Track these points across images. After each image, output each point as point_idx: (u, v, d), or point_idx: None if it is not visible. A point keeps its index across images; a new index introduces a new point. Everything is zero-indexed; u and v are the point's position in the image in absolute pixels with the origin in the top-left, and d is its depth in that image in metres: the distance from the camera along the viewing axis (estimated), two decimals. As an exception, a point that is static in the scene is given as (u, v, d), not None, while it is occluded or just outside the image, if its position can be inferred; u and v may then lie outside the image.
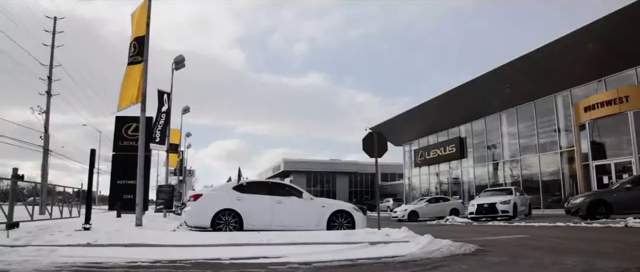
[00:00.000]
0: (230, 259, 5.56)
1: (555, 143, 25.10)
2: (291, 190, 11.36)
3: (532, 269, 4.84)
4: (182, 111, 28.42)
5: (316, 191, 57.06)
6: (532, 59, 22.47)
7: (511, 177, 28.27)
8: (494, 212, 18.92)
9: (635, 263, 4.83)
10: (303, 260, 5.48)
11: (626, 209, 14.41)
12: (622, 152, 19.56)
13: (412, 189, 40.56)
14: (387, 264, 5.39)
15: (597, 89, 22.07)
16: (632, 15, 17.91)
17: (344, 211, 10.85)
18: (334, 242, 7.18)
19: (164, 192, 22.48)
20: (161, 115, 19.02)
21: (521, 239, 8.86)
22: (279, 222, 10.35)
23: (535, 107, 26.42)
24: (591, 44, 20.19)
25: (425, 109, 32.84)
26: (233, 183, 11.27)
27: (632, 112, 18.89)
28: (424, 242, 6.77)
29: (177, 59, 20.49)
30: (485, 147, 30.86)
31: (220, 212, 10.29)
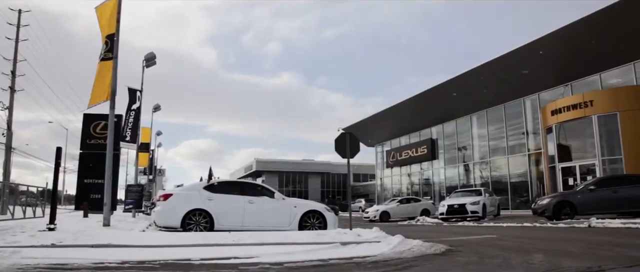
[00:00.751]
0: (201, 260, 5.47)
1: (524, 145, 25.67)
2: (263, 190, 11.29)
3: (500, 268, 4.92)
4: (153, 109, 27.97)
5: (288, 191, 56.98)
6: (502, 63, 22.94)
7: (481, 179, 28.78)
8: (464, 212, 19.24)
9: (597, 262, 4.98)
10: (274, 260, 5.44)
11: (590, 210, 14.91)
12: (586, 155, 20.12)
13: (384, 190, 40.88)
14: (359, 264, 5.40)
15: (563, 93, 22.68)
16: (596, 23, 18.49)
17: (315, 211, 10.83)
18: (306, 243, 7.16)
19: (133, 191, 22.05)
20: (130, 113, 18.67)
21: (490, 239, 9.01)
22: (251, 222, 10.27)
23: (504, 110, 26.97)
24: (559, 50, 20.77)
25: (398, 110, 33.16)
26: (204, 183, 11.13)
27: (596, 116, 19.46)
28: (395, 243, 6.82)
29: (147, 56, 20.13)
30: (456, 149, 31.34)
31: (190, 212, 10.13)
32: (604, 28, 18.75)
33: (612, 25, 18.52)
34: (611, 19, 18.19)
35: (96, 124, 20.45)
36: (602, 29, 18.81)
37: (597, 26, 18.73)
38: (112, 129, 11.37)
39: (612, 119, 19.03)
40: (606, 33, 19.00)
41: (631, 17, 17.75)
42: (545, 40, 20.32)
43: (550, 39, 20.18)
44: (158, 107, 27.89)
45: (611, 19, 18.22)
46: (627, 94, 19.26)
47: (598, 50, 19.99)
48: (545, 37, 20.22)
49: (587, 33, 19.27)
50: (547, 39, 20.24)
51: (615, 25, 18.50)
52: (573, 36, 19.63)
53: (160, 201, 10.73)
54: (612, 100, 19.30)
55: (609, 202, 14.94)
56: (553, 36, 19.94)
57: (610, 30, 18.79)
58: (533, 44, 20.88)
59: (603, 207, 14.98)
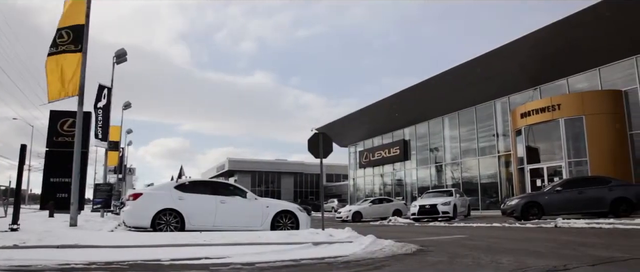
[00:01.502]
0: (171, 260, 5.38)
1: (494, 147, 26.15)
2: (235, 190, 11.20)
3: (470, 268, 4.99)
4: (123, 107, 27.46)
5: (261, 191, 56.76)
6: (474, 66, 23.31)
7: (452, 179, 29.18)
8: (435, 213, 19.48)
9: (563, 261, 5.10)
10: (246, 260, 5.39)
11: (556, 210, 15.32)
12: (554, 157, 20.63)
13: (357, 190, 41.07)
14: (331, 264, 5.39)
15: (532, 97, 23.19)
16: (564, 29, 18.96)
17: (288, 211, 10.82)
18: (278, 243, 7.13)
19: (102, 190, 21.57)
20: (98, 110, 18.26)
21: (460, 239, 9.14)
22: (223, 222, 10.18)
23: (476, 112, 27.41)
24: (528, 54, 21.24)
25: (371, 111, 33.36)
26: (175, 182, 10.98)
27: (563, 119, 19.97)
28: (367, 243, 6.85)
29: (118, 52, 19.74)
30: (428, 150, 31.71)
31: (161, 212, 9.98)
32: (571, 34, 19.27)
33: (579, 32, 19.04)
34: (578, 26, 18.69)
35: (64, 121, 19.85)
36: (570, 35, 19.32)
37: (565, 32, 19.22)
38: (80, 126, 11.06)
39: (578, 122, 19.58)
40: (573, 39, 19.53)
41: (597, 25, 18.28)
42: (515, 44, 20.74)
43: (520, 44, 20.61)
44: (129, 105, 27.39)
45: (578, 26, 18.73)
46: (593, 98, 19.83)
47: (566, 55, 20.53)
48: (515, 42, 20.63)
49: (555, 38, 19.75)
50: (517, 43, 20.67)
51: (581, 32, 19.03)
52: (542, 41, 20.10)
53: (129, 201, 10.52)
54: (578, 104, 19.84)
55: (574, 203, 15.39)
56: (523, 41, 20.37)
57: (577, 36, 19.33)
58: (503, 48, 21.28)
59: (569, 208, 15.42)
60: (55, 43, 10.76)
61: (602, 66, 20.24)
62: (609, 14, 17.65)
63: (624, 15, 17.61)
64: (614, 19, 17.89)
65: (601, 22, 18.14)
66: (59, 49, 10.75)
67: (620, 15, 17.63)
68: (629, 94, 19.28)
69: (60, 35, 10.74)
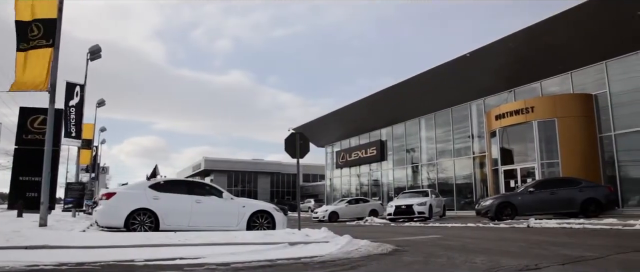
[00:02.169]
0: (145, 261, 5.30)
1: (469, 148, 26.49)
2: (211, 189, 11.12)
3: (444, 267, 5.04)
4: (97, 104, 26.95)
5: (237, 191, 56.44)
6: (450, 68, 23.58)
7: (428, 180, 29.46)
8: (411, 213, 19.65)
9: (534, 260, 5.20)
10: (221, 261, 5.34)
11: (529, 211, 15.65)
12: (527, 159, 21.01)
13: (334, 190, 41.15)
14: (306, 264, 5.38)
15: (507, 99, 23.59)
16: (538, 33, 19.34)
17: (264, 211, 10.78)
18: (253, 243, 7.09)
19: (74, 190, 21.14)
20: (71, 108, 17.87)
21: (435, 239, 9.23)
22: (198, 222, 10.08)
23: (452, 114, 27.72)
24: (503, 57, 21.59)
25: (348, 111, 33.46)
26: (150, 181, 10.82)
27: (536, 121, 20.35)
28: (343, 243, 6.86)
29: (92, 48, 19.36)
30: (405, 151, 31.94)
31: (135, 212, 9.83)
32: (544, 39, 19.65)
33: (552, 37, 19.43)
34: (551, 31, 19.09)
35: (34, 118, 19.36)
36: (543, 40, 19.71)
37: (539, 36, 19.60)
38: (52, 123, 10.80)
39: (551, 124, 19.98)
40: (546, 44, 19.91)
41: (569, 30, 18.71)
42: (491, 47, 21.07)
43: (495, 47, 20.95)
44: (102, 102, 26.91)
45: (551, 31, 19.12)
46: (565, 101, 20.28)
47: (539, 59, 20.95)
48: (491, 45, 20.96)
49: (529, 43, 20.13)
50: (493, 47, 21.00)
51: (554, 37, 19.43)
52: (517, 45, 20.46)
53: (102, 200, 10.33)
54: (551, 107, 20.26)
55: (546, 203, 15.76)
56: (498, 43, 20.71)
57: (550, 41, 19.72)
58: (479, 50, 21.60)
59: (541, 208, 15.77)
60: (26, 37, 10.45)
61: (574, 70, 20.72)
62: (580, 21, 18.10)
63: (594, 22, 18.06)
64: (584, 26, 18.34)
65: (573, 28, 18.57)
66: (30, 44, 10.47)
67: (591, 22, 18.08)
68: (598, 98, 19.77)
69: (31, 29, 10.44)
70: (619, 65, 19.19)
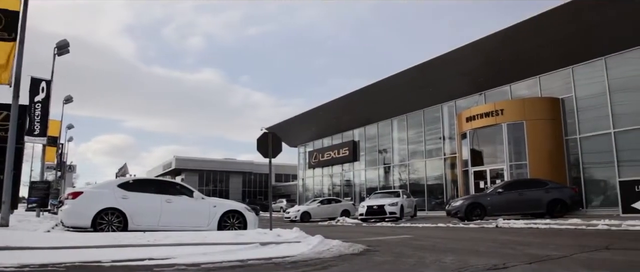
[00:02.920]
0: (112, 262, 5.17)
1: (441, 150, 26.84)
2: (181, 189, 10.96)
3: (414, 267, 5.08)
4: (64, 101, 26.22)
5: (209, 191, 55.89)
6: (422, 70, 23.85)
7: (400, 181, 29.73)
8: (383, 213, 19.78)
9: (502, 260, 5.30)
10: (191, 261, 5.26)
11: (497, 211, 15.97)
12: (496, 160, 21.41)
13: (306, 190, 41.14)
14: (278, 264, 5.36)
15: (478, 102, 24.00)
16: (508, 38, 19.74)
17: (235, 211, 10.70)
18: (224, 243, 7.01)
19: (39, 189, 20.48)
20: (36, 104, 17.34)
21: (406, 239, 9.31)
22: (168, 222, 9.93)
23: (423, 116, 28.04)
24: (474, 60, 21.95)
25: (321, 112, 33.49)
26: (118, 180, 10.61)
27: (505, 124, 20.77)
28: (315, 243, 6.85)
29: (60, 43, 18.81)
30: (377, 151, 32.14)
31: (102, 211, 9.61)
32: (514, 43, 20.09)
33: (521, 41, 19.87)
34: (520, 36, 19.51)
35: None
36: (513, 44, 20.14)
37: (509, 41, 20.01)
38: (16, 119, 10.44)
39: (520, 127, 20.43)
40: (516, 48, 20.36)
41: (537, 36, 19.14)
42: (462, 50, 21.40)
43: (466, 50, 21.29)
44: (70, 99, 26.20)
45: (520, 36, 19.54)
46: (533, 104, 20.76)
47: (509, 63, 21.39)
48: (462, 48, 21.29)
49: (499, 47, 20.53)
50: (464, 50, 21.34)
51: (524, 42, 19.86)
52: (488, 48, 20.84)
53: (68, 199, 10.05)
54: (520, 110, 20.70)
55: (514, 204, 16.11)
56: (470, 47, 21.05)
57: (519, 46, 20.16)
58: (451, 53, 21.91)
59: (509, 209, 16.11)
60: None
61: (542, 75, 21.25)
62: (548, 27, 18.55)
63: (561, 29, 18.56)
64: (552, 32, 18.81)
65: (541, 34, 19.02)
66: None
67: (558, 29, 18.56)
68: (565, 102, 20.33)
69: None
70: (584, 71, 19.78)
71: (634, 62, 18.01)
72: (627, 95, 18.28)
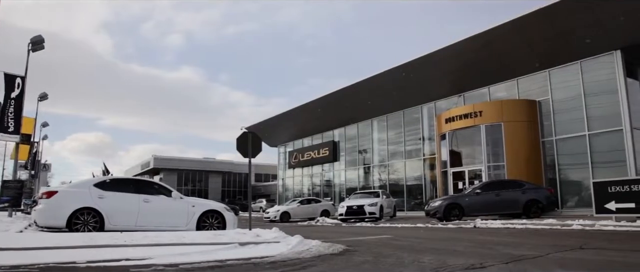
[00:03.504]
0: (87, 262, 5.07)
1: (420, 150, 27.04)
2: (160, 188, 10.83)
3: (393, 267, 5.10)
4: (39, 98, 25.64)
5: (187, 190, 55.39)
6: (403, 71, 24.01)
7: (379, 181, 29.87)
8: (362, 213, 19.84)
9: (480, 260, 5.36)
10: (169, 261, 5.20)
11: (475, 212, 16.16)
12: (474, 161, 21.68)
13: (286, 190, 41.06)
14: (257, 264, 5.33)
15: (457, 103, 24.26)
16: (487, 40, 20.00)
17: (214, 211, 10.63)
18: (203, 243, 6.95)
19: (10, 188, 19.98)
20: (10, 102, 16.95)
21: (386, 239, 9.35)
22: (146, 222, 9.80)
23: (404, 116, 28.23)
24: (454, 62, 22.19)
25: (302, 112, 33.47)
26: (94, 179, 10.42)
27: (484, 125, 21.05)
28: (294, 243, 6.84)
29: (34, 39, 18.40)
30: (357, 152, 32.25)
31: (78, 211, 9.42)
32: (493, 46, 20.37)
33: (500, 44, 20.16)
34: (499, 38, 19.80)
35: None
36: (492, 46, 20.41)
37: (488, 44, 20.28)
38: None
39: (498, 128, 20.73)
40: (495, 51, 20.65)
41: (515, 39, 19.46)
42: (442, 52, 21.62)
43: (446, 52, 21.51)
44: (45, 96, 25.65)
45: (499, 39, 19.83)
46: (510, 106, 21.07)
47: (488, 65, 21.68)
48: (442, 50, 21.51)
49: (479, 49, 20.78)
50: (444, 52, 21.56)
51: (502, 45, 20.16)
52: (467, 50, 21.09)
53: (42, 199, 9.84)
54: (498, 111, 21.00)
55: (492, 204, 16.33)
56: (449, 49, 21.28)
57: (498, 48, 20.45)
58: (431, 55, 22.11)
59: (487, 209, 16.32)
60: None
61: (520, 77, 21.60)
62: (526, 31, 18.88)
63: (538, 33, 18.91)
64: (530, 36, 19.16)
65: (519, 37, 19.34)
66: None
67: (535, 32, 18.92)
68: (542, 104, 20.70)
69: None
70: (560, 74, 20.19)
71: (607, 66, 18.44)
72: (601, 99, 18.71)
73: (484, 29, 19.63)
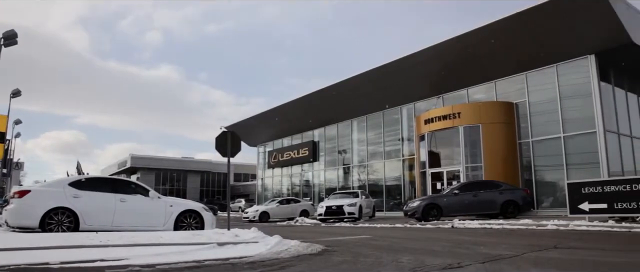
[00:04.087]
0: (61, 263, 4.98)
1: (399, 151, 27.21)
2: (137, 188, 10.67)
3: (372, 267, 5.12)
4: (11, 95, 25.05)
5: (165, 190, 54.81)
6: (382, 72, 24.12)
7: (359, 181, 29.96)
8: (341, 213, 19.89)
9: (457, 259, 5.42)
10: (146, 262, 5.14)
11: (453, 212, 16.36)
12: (453, 162, 21.90)
13: (265, 190, 40.90)
14: (235, 265, 5.29)
15: (436, 104, 24.48)
16: (466, 43, 20.20)
17: (192, 210, 10.52)
18: (181, 243, 6.88)
19: (-18, 187, 19.52)
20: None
21: (365, 239, 9.38)
22: (122, 222, 9.65)
23: (383, 117, 28.37)
24: (433, 64, 22.38)
25: (281, 111, 33.37)
26: (69, 178, 10.22)
27: (462, 127, 21.28)
28: (273, 243, 6.82)
29: (6, 33, 17.93)
30: (337, 152, 32.27)
31: (52, 211, 9.22)
32: (472, 49, 20.58)
33: (478, 47, 20.36)
34: (477, 41, 19.99)
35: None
36: (471, 49, 20.62)
37: (467, 46, 20.49)
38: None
39: (476, 130, 20.98)
40: (473, 53, 20.86)
41: (494, 42, 19.71)
42: (421, 54, 21.78)
43: (425, 54, 21.68)
44: (18, 93, 25.06)
45: (477, 41, 20.02)
46: (488, 108, 21.36)
47: (467, 67, 21.92)
48: (422, 51, 21.66)
49: (458, 51, 21.01)
50: (423, 54, 21.72)
51: (480, 47, 20.38)
52: (446, 52, 21.29)
53: (15, 198, 9.60)
54: (476, 113, 21.26)
55: (470, 205, 16.55)
56: (429, 51, 21.45)
57: (477, 51, 20.67)
58: (410, 56, 22.25)
59: (465, 210, 16.53)
60: None
61: (498, 80, 21.90)
62: (504, 34, 19.13)
63: (516, 36, 19.17)
64: (508, 39, 19.43)
65: (497, 40, 19.60)
66: None
67: (513, 35, 19.18)
68: (519, 106, 21.03)
69: None
70: (537, 77, 20.56)
71: (582, 70, 18.83)
72: (576, 102, 19.10)
73: (463, 32, 19.85)
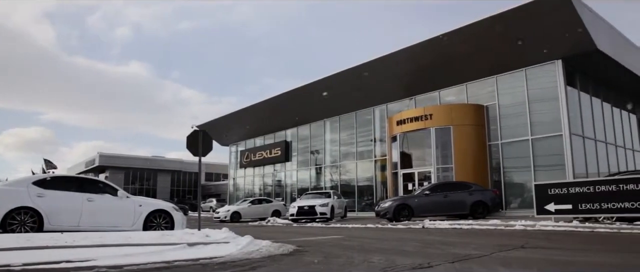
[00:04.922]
0: (23, 265, 4.82)
1: (372, 152, 27.37)
2: (105, 187, 10.44)
3: (343, 267, 5.13)
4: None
5: (135, 189, 53.92)
6: (356, 73, 24.22)
7: (331, 182, 30.03)
8: (313, 214, 19.91)
9: (427, 259, 5.49)
10: (114, 263, 5.03)
11: (424, 212, 16.57)
12: (424, 163, 22.15)
13: (237, 190, 40.62)
14: (205, 265, 5.23)
15: (408, 106, 24.73)
16: (436, 46, 20.46)
17: (162, 210, 10.37)
18: (150, 244, 6.76)
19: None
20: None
21: (336, 239, 9.41)
22: (90, 222, 9.43)
23: (356, 118, 28.52)
24: (406, 66, 22.62)
25: (254, 111, 33.19)
26: (33, 177, 9.92)
27: (434, 128, 21.56)
28: (244, 243, 6.77)
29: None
30: (309, 152, 32.28)
31: (14, 211, 8.94)
32: (443, 51, 20.85)
33: (450, 49, 20.65)
34: (449, 44, 20.25)
35: None
36: (442, 52, 20.90)
37: (438, 49, 20.76)
38: None
39: (447, 131, 21.30)
40: (445, 56, 21.16)
41: (465, 45, 20.03)
42: (394, 56, 21.96)
43: (398, 56, 21.87)
44: (-18, 89, 24.22)
45: (449, 44, 20.28)
46: (459, 110, 21.71)
47: (439, 70, 22.22)
48: (395, 53, 21.84)
49: (430, 54, 21.27)
50: (396, 55, 21.91)
51: (452, 50, 20.68)
52: (419, 55, 21.53)
53: (-25, 198, 9.27)
54: (447, 115, 21.58)
55: (440, 205, 16.80)
56: (402, 53, 21.64)
57: (448, 54, 20.96)
58: (383, 58, 22.41)
59: (435, 210, 16.76)
60: None
61: (469, 82, 22.28)
62: (475, 37, 19.46)
63: (486, 40, 19.53)
64: (478, 42, 19.77)
65: (469, 44, 19.93)
66: None
67: (484, 39, 19.52)
68: (489, 109, 21.45)
69: None
70: (507, 81, 21.01)
71: (550, 74, 19.33)
72: (543, 105, 19.60)
73: (435, 35, 20.10)
